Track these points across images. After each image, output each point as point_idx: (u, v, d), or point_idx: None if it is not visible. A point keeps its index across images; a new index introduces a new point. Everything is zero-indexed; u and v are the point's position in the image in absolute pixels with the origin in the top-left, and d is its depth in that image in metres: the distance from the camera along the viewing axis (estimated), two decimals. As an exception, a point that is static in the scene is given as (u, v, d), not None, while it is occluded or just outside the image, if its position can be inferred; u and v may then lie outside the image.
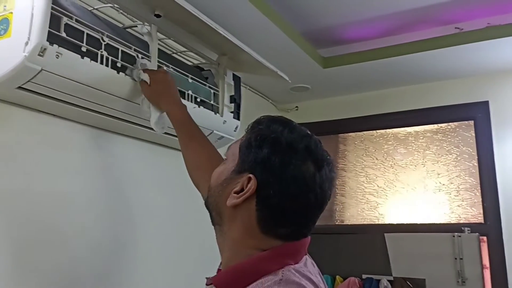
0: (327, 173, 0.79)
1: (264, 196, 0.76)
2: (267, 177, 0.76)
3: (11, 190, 1.12)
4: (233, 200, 0.78)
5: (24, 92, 1.05)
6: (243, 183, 0.77)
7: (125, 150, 1.50)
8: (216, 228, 0.85)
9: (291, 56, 2.05)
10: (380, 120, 2.56)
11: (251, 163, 0.78)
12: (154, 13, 1.29)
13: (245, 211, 0.77)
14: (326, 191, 0.79)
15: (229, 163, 0.83)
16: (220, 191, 0.82)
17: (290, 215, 0.77)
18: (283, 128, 0.80)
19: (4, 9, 1.00)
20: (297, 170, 0.76)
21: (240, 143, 0.83)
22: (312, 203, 0.78)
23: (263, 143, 0.78)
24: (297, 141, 0.78)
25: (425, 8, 1.98)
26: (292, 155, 0.77)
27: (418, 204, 2.44)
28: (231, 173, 0.81)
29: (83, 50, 1.08)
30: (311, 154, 0.78)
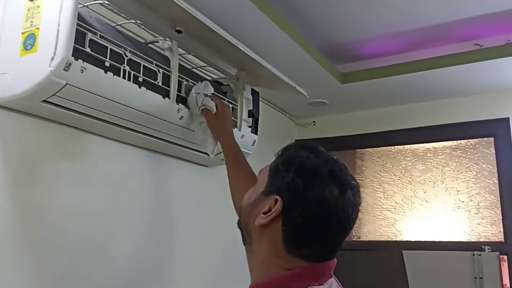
0: (351, 197, 0.82)
1: (289, 217, 0.80)
2: (292, 199, 0.80)
3: (31, 202, 1.14)
4: (261, 220, 0.82)
5: (49, 106, 1.07)
6: (271, 204, 0.82)
7: (143, 163, 1.52)
8: (246, 248, 0.90)
9: (309, 71, 2.05)
10: (398, 135, 2.54)
11: (278, 185, 0.83)
12: (175, 28, 1.32)
13: (272, 231, 0.81)
14: (349, 215, 0.82)
15: (259, 185, 0.88)
16: (250, 212, 0.87)
17: (313, 236, 0.81)
18: (309, 153, 0.85)
19: (31, 24, 1.03)
20: (320, 193, 0.80)
21: (269, 167, 0.89)
22: (335, 225, 0.81)
23: (289, 167, 0.83)
24: (322, 165, 0.82)
25: (444, 24, 1.98)
26: (316, 179, 0.81)
27: (437, 221, 2.40)
28: (260, 194, 0.86)
29: (107, 65, 1.11)
30: (335, 178, 0.82)
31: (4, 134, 1.08)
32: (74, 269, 1.23)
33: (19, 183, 1.11)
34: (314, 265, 0.81)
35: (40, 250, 1.15)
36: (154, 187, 1.56)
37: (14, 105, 1.08)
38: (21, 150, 1.12)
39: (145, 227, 1.50)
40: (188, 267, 1.67)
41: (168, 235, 1.61)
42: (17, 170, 1.11)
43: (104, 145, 1.35)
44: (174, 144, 1.47)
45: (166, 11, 1.25)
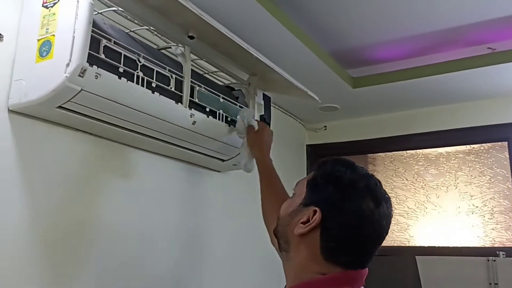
0: (385, 210, 0.88)
1: (328, 227, 0.85)
2: (330, 211, 0.86)
3: (49, 207, 1.15)
4: (300, 230, 0.87)
5: (64, 112, 1.08)
6: (309, 215, 0.87)
7: (156, 168, 1.52)
8: (283, 254, 0.95)
9: (320, 76, 2.05)
10: (410, 140, 2.52)
11: (317, 198, 0.88)
12: (187, 34, 1.33)
13: (310, 240, 0.87)
14: (383, 226, 0.88)
15: (297, 197, 0.93)
16: (289, 221, 0.91)
17: (350, 245, 0.86)
18: (346, 168, 0.91)
19: (46, 31, 1.04)
20: (357, 205, 0.86)
21: (307, 180, 0.93)
22: (371, 236, 0.87)
23: (328, 181, 0.89)
24: (358, 180, 0.88)
25: (457, 28, 1.97)
26: (353, 192, 0.87)
27: (450, 226, 2.38)
28: (298, 205, 0.91)
29: (121, 71, 1.12)
30: (370, 192, 0.87)
31: (20, 140, 1.09)
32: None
33: (35, 189, 1.12)
34: (350, 271, 0.86)
35: (58, 255, 1.16)
36: (168, 192, 1.57)
37: (30, 111, 1.09)
38: (36, 156, 1.13)
39: (160, 232, 1.50)
40: (205, 271, 1.68)
41: (183, 240, 1.61)
42: (33, 176, 1.12)
43: (117, 151, 1.36)
44: (186, 149, 1.47)
45: (179, 17, 1.26)
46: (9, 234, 1.05)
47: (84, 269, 1.23)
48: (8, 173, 1.07)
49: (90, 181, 1.27)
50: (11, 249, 1.05)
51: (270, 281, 2.05)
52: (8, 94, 1.07)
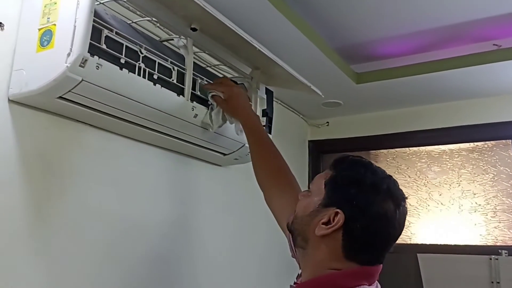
0: (403, 210, 0.91)
1: (350, 229, 0.88)
2: (353, 214, 0.88)
3: (46, 199, 1.14)
4: (322, 231, 0.89)
5: (64, 102, 1.07)
6: (330, 216, 0.89)
7: (157, 161, 1.51)
8: (299, 251, 0.97)
9: (324, 71, 2.04)
10: (413, 137, 2.50)
11: (338, 199, 0.90)
12: (190, 26, 1.31)
13: (331, 240, 0.89)
14: (402, 225, 0.92)
15: (315, 196, 0.95)
16: (308, 221, 0.93)
17: (372, 245, 0.89)
18: (365, 169, 0.93)
19: (47, 21, 1.03)
20: (380, 208, 0.88)
21: (325, 179, 0.95)
22: (392, 236, 0.91)
23: (350, 183, 0.91)
24: (380, 182, 0.91)
25: (461, 24, 1.95)
26: (376, 195, 0.89)
27: (453, 224, 2.37)
28: (318, 206, 0.92)
29: (122, 61, 1.11)
30: (391, 194, 0.90)
31: (21, 130, 1.08)
32: (86, 267, 1.23)
33: (34, 180, 1.11)
34: (367, 267, 0.89)
35: (54, 247, 1.15)
36: (168, 185, 1.56)
37: (30, 101, 1.08)
38: (36, 147, 1.12)
39: (159, 226, 1.50)
40: (203, 266, 1.67)
41: (182, 234, 1.60)
42: (33, 166, 1.11)
43: (118, 143, 1.35)
44: (187, 142, 1.46)
45: (182, 8, 1.24)
46: (7, 225, 1.04)
47: (77, 260, 1.21)
48: (7, 163, 1.05)
49: (90, 173, 1.26)
50: (5, 239, 1.04)
51: (269, 277, 2.05)
52: (8, 84, 1.05)
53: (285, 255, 1.08)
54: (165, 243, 1.52)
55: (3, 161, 1.05)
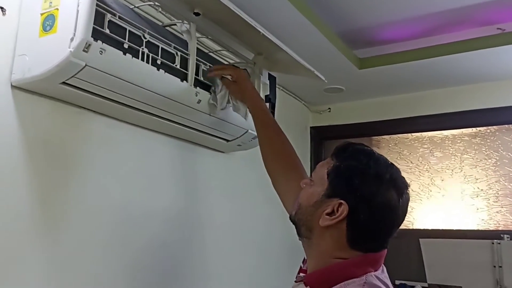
0: (407, 197, 0.92)
1: (355, 219, 0.88)
2: (357, 204, 0.88)
3: (49, 186, 1.14)
4: (326, 222, 0.90)
5: (68, 88, 1.06)
6: (334, 207, 0.89)
7: (161, 148, 1.51)
8: (304, 240, 0.98)
9: (326, 56, 2.02)
10: (415, 123, 2.50)
11: (342, 190, 0.90)
12: (193, 11, 1.30)
13: (336, 230, 0.90)
14: (405, 212, 0.93)
15: (318, 186, 0.95)
16: (312, 212, 0.93)
17: (376, 233, 0.91)
18: (368, 159, 0.92)
19: (50, 5, 1.02)
20: (384, 198, 0.89)
21: (327, 169, 0.94)
22: (395, 223, 0.92)
23: (353, 174, 0.91)
24: (383, 171, 0.91)
25: (465, 8, 1.92)
26: (379, 185, 0.89)
27: (455, 209, 2.37)
28: (321, 196, 0.93)
29: (125, 46, 1.09)
30: (394, 183, 0.91)
31: (23, 117, 1.07)
32: (90, 254, 1.23)
33: (38, 166, 1.10)
34: (372, 254, 0.91)
35: (58, 234, 1.15)
36: (172, 172, 1.56)
37: (33, 87, 1.07)
38: (39, 133, 1.11)
39: (163, 213, 1.49)
40: (208, 252, 1.67)
41: (186, 221, 1.61)
42: (36, 153, 1.10)
43: (121, 129, 1.34)
44: (191, 128, 1.46)
45: (185, -8, 1.23)
46: (11, 210, 1.04)
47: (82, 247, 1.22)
48: (10, 149, 1.05)
49: (94, 159, 1.26)
50: (9, 230, 1.04)
51: (272, 262, 2.06)
52: (11, 70, 1.04)
53: (288, 241, 1.08)
54: (169, 230, 1.52)
55: (6, 147, 1.04)
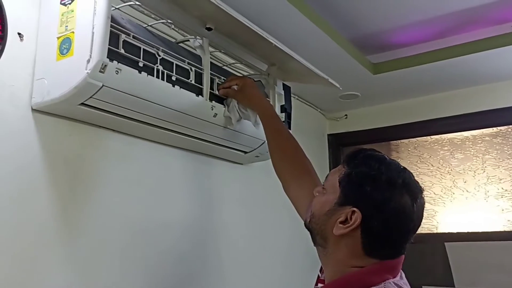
0: (421, 201, 0.91)
1: (369, 226, 0.88)
2: (371, 211, 0.87)
3: (71, 205, 1.16)
4: (340, 231, 0.89)
5: (86, 108, 1.08)
6: (347, 215, 0.88)
7: (178, 162, 1.52)
8: (319, 249, 0.97)
9: (340, 63, 2.02)
10: (434, 125, 2.47)
11: (354, 198, 0.89)
12: (205, 26, 1.32)
13: (350, 239, 0.89)
14: (420, 217, 0.91)
15: (330, 194, 0.94)
16: (325, 221, 0.93)
17: (391, 241, 0.89)
18: (379, 164, 0.91)
19: (66, 29, 1.04)
20: (397, 203, 0.88)
21: (339, 176, 0.93)
22: (411, 228, 0.90)
23: (364, 180, 0.89)
24: (395, 177, 0.89)
25: (476, 8, 1.91)
26: (392, 191, 0.88)
27: (479, 211, 2.33)
28: (334, 205, 0.92)
29: (140, 65, 1.11)
30: (407, 187, 0.89)
31: (44, 138, 1.09)
32: (111, 269, 1.24)
33: (59, 186, 1.12)
34: (389, 261, 0.90)
35: (80, 250, 1.16)
36: (191, 186, 1.57)
37: (53, 109, 1.09)
38: (60, 154, 1.13)
39: (183, 227, 1.50)
40: (227, 264, 1.67)
41: (206, 234, 1.61)
42: (58, 173, 1.12)
43: (139, 146, 1.36)
44: (208, 142, 1.47)
45: (196, 8, 1.24)
46: (32, 230, 1.06)
47: (103, 263, 1.23)
48: (33, 170, 1.07)
49: (113, 176, 1.27)
50: (33, 245, 1.06)
51: (294, 273, 2.05)
52: (31, 94, 1.07)
53: (310, 250, 1.07)
54: (189, 243, 1.53)
55: (29, 169, 1.06)
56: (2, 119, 1.02)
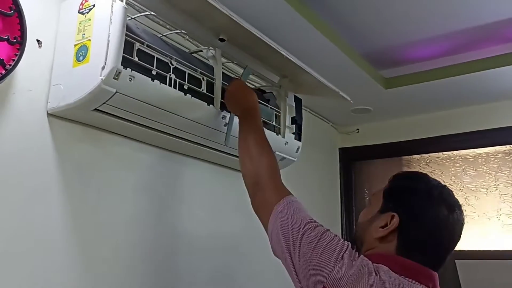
0: (458, 217, 0.98)
1: (405, 230, 0.95)
2: (408, 216, 0.96)
3: (83, 210, 1.18)
4: (380, 233, 0.96)
5: (99, 114, 1.11)
6: (387, 220, 0.97)
7: (191, 171, 1.54)
8: None
9: (352, 77, 2.03)
10: (446, 141, 2.45)
11: (394, 205, 0.98)
12: (218, 37, 1.34)
13: (387, 243, 0.96)
14: (456, 231, 0.98)
15: (374, 206, 1.03)
16: (367, 226, 1.01)
17: (424, 246, 0.95)
18: (420, 179, 1.02)
19: (83, 36, 1.08)
20: (432, 212, 0.96)
21: (383, 190, 1.03)
22: (444, 238, 0.97)
23: (405, 191, 1.00)
24: (433, 189, 0.98)
25: (492, 24, 1.91)
26: (428, 200, 0.96)
27: (491, 229, 2.30)
28: (376, 213, 1.01)
29: (153, 73, 1.14)
30: (443, 200, 0.97)
31: (58, 142, 1.13)
32: (121, 275, 1.26)
33: (71, 190, 1.15)
34: (420, 265, 0.94)
35: (89, 256, 1.18)
36: (204, 195, 1.58)
37: (67, 114, 1.13)
38: (73, 158, 1.16)
39: (195, 237, 1.51)
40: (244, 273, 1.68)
41: (229, 245, 1.65)
42: (70, 177, 1.15)
43: (150, 153, 1.39)
44: (219, 151, 1.48)
45: (210, 20, 1.27)
46: (46, 233, 1.08)
47: (112, 268, 1.24)
48: (47, 174, 1.10)
49: (124, 182, 1.30)
50: (47, 248, 1.08)
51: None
52: (47, 98, 1.10)
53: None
54: (200, 251, 1.54)
55: (42, 172, 1.09)
56: (19, 121, 1.06)
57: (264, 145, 1.15)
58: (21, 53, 1.02)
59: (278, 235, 0.96)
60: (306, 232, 0.92)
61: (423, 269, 0.94)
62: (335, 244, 0.90)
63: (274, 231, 0.98)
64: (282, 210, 0.99)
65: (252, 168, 1.11)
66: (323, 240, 0.90)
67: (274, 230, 0.98)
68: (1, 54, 0.99)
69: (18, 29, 1.02)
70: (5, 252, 1.00)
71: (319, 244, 0.90)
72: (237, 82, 1.35)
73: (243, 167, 1.15)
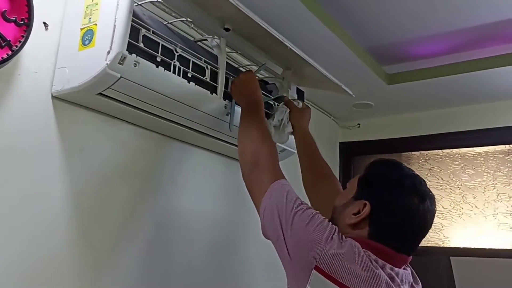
0: (429, 206, 1.00)
1: (376, 218, 0.98)
2: (379, 205, 0.99)
3: (85, 192, 1.19)
4: (352, 220, 1.00)
5: (103, 99, 1.12)
6: (360, 207, 1.00)
7: (191, 158, 1.55)
8: None
9: (355, 72, 2.04)
10: (446, 139, 2.46)
11: (367, 193, 1.02)
12: (223, 27, 1.35)
13: (358, 230, 0.99)
14: (427, 220, 1.00)
15: (349, 192, 1.07)
16: (341, 211, 1.05)
17: (395, 233, 0.98)
18: (393, 168, 1.05)
19: (89, 21, 1.08)
20: (403, 201, 0.98)
21: (358, 178, 1.07)
22: (414, 227, 0.99)
23: (377, 180, 1.03)
24: (404, 178, 1.01)
25: (496, 23, 1.91)
26: (399, 189, 0.99)
27: (488, 228, 2.32)
28: (350, 199, 1.04)
29: (158, 60, 1.15)
30: (415, 189, 0.99)
31: (62, 125, 1.14)
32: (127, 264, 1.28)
33: (73, 173, 1.16)
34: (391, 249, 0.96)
35: (92, 238, 1.20)
36: (203, 182, 1.59)
37: (72, 98, 1.14)
38: (76, 141, 1.17)
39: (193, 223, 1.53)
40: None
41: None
42: (72, 160, 1.16)
43: (153, 139, 1.40)
44: (220, 140, 1.49)
45: (216, 9, 1.28)
46: (50, 216, 1.10)
47: (121, 253, 1.26)
48: (51, 156, 1.11)
49: (126, 167, 1.31)
50: (51, 232, 1.10)
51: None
52: (52, 81, 1.11)
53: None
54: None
55: (46, 152, 1.11)
56: (24, 102, 1.07)
57: (266, 134, 1.24)
58: (27, 34, 1.03)
59: (273, 211, 1.01)
60: (298, 212, 0.97)
61: (395, 254, 0.97)
62: (325, 226, 0.95)
63: (268, 206, 1.03)
64: (278, 188, 1.05)
65: (252, 148, 1.17)
66: (315, 220, 0.95)
67: (268, 205, 1.03)
68: (8, 35, 1.00)
69: (26, 11, 1.03)
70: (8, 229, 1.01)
71: (311, 223, 0.95)
72: (251, 73, 1.39)
73: (242, 145, 1.21)
